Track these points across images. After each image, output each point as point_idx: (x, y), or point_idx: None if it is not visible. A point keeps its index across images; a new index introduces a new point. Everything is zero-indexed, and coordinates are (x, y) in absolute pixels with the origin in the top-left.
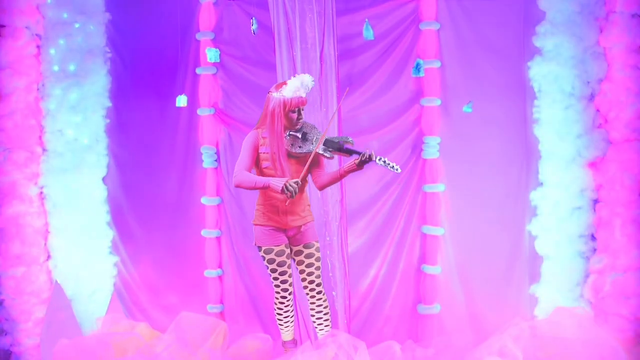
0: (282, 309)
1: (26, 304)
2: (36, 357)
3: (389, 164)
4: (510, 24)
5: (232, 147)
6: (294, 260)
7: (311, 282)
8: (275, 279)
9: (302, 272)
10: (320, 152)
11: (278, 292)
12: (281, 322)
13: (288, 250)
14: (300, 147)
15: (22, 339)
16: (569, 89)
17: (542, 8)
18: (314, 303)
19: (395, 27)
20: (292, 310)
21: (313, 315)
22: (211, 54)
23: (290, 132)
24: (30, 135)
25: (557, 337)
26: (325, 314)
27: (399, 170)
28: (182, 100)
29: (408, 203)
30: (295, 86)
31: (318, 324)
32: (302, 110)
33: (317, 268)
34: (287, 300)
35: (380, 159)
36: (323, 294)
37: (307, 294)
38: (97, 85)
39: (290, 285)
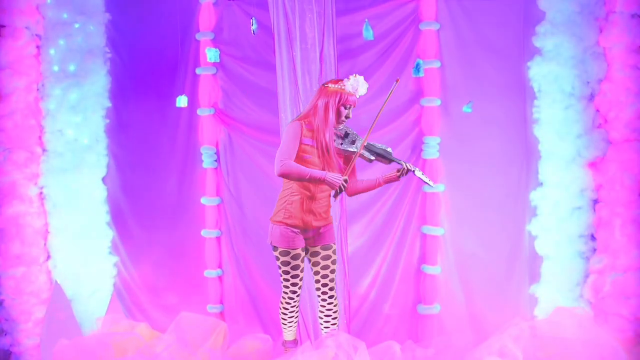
0: (287, 309)
1: (26, 304)
2: (36, 357)
3: (425, 178)
4: (510, 24)
5: (232, 147)
6: (309, 260)
7: (325, 284)
8: (286, 280)
9: (316, 273)
10: (365, 154)
11: (286, 293)
12: (285, 322)
13: (304, 254)
14: (341, 143)
15: (22, 339)
16: (569, 89)
17: (542, 8)
18: (324, 306)
19: (395, 27)
20: (297, 311)
21: (321, 317)
22: (211, 54)
23: (335, 129)
24: (30, 135)
25: (557, 337)
26: (333, 319)
27: (433, 185)
28: (182, 101)
29: (408, 203)
30: (355, 84)
31: (325, 327)
32: (351, 109)
33: (332, 271)
34: (294, 302)
35: (418, 171)
36: (335, 299)
37: (319, 296)
38: (97, 85)
39: (299, 288)
